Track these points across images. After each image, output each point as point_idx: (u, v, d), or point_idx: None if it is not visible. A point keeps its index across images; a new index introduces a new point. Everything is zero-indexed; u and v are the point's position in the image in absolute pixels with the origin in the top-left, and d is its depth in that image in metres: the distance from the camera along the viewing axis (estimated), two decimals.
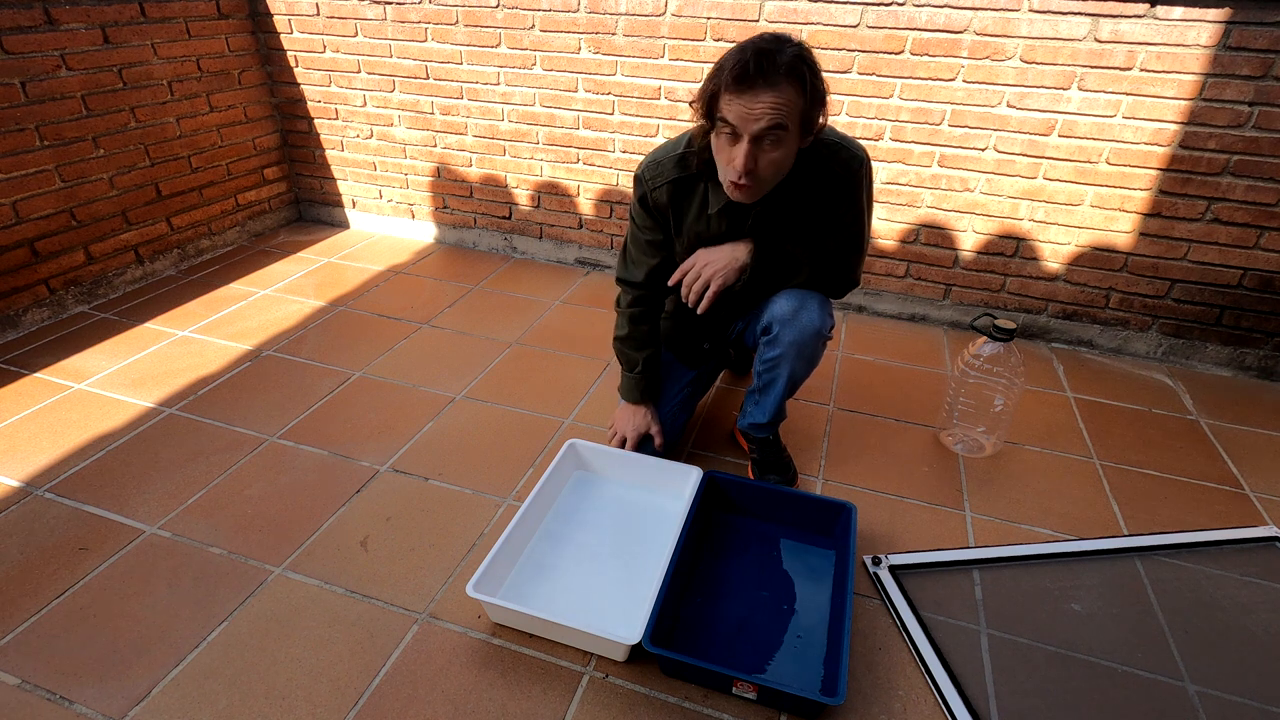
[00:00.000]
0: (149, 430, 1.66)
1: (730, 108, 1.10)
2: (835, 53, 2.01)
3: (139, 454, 1.58)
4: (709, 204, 1.30)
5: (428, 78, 2.48)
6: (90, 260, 2.22)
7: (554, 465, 1.45)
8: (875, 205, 2.16)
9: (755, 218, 1.30)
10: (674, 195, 1.32)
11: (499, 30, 2.31)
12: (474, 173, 2.61)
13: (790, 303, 1.35)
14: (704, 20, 2.08)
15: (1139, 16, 1.75)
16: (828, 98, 1.13)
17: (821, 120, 1.15)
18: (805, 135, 1.15)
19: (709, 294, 1.32)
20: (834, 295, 1.44)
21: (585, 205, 2.52)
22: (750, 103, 1.07)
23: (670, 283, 1.39)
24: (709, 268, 1.32)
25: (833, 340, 2.14)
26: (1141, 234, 1.98)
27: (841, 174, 1.27)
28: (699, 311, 1.35)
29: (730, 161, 1.15)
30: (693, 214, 1.33)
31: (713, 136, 1.17)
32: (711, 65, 1.14)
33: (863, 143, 2.09)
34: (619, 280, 1.48)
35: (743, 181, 1.15)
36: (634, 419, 1.53)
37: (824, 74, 1.12)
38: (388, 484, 1.52)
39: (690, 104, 1.18)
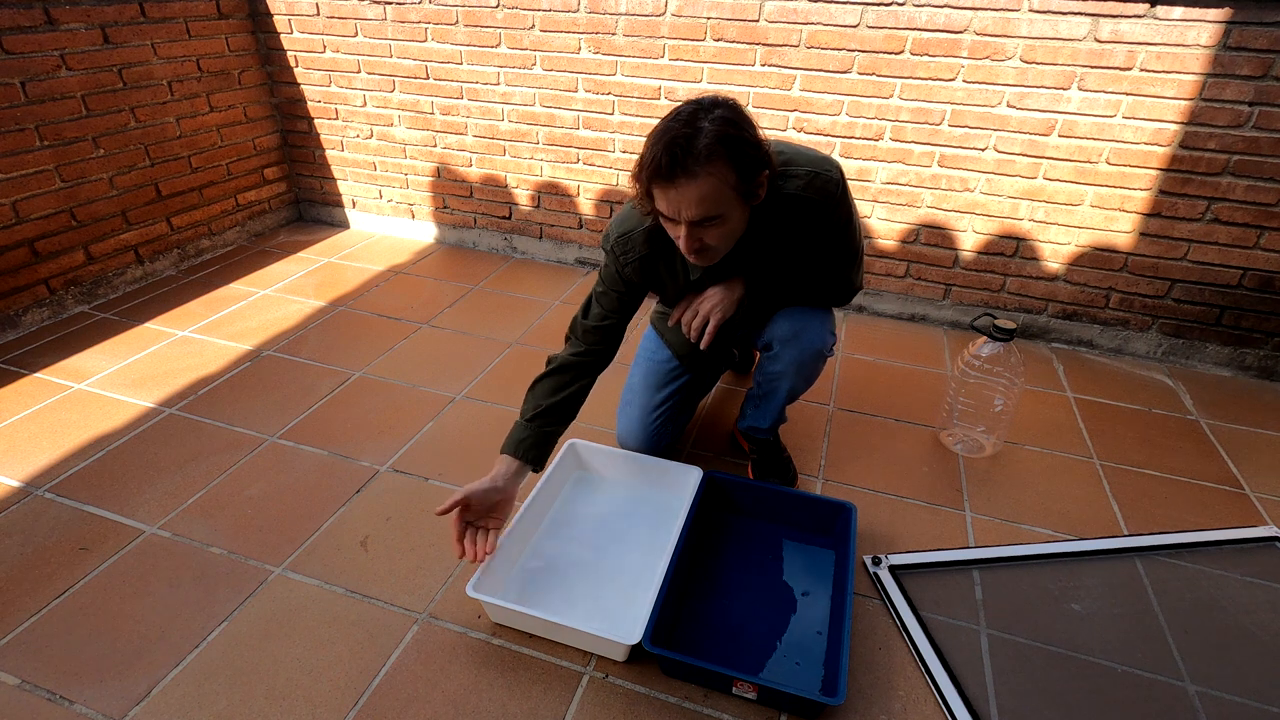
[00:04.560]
0: (149, 430, 1.66)
1: (659, 200, 1.06)
2: (835, 53, 2.01)
3: (139, 454, 1.58)
4: (690, 271, 1.28)
5: (428, 78, 2.48)
6: (90, 260, 2.22)
7: (554, 465, 1.45)
8: (874, 205, 2.18)
9: (737, 265, 1.27)
10: (646, 268, 1.28)
11: (499, 30, 2.31)
12: (474, 173, 2.61)
13: (792, 323, 1.35)
14: (704, 20, 2.08)
15: (1139, 16, 1.75)
16: (769, 153, 1.07)
17: (766, 174, 1.08)
18: (751, 200, 1.09)
19: (710, 329, 1.29)
20: (839, 304, 1.43)
21: (585, 205, 2.52)
22: (675, 197, 1.03)
23: (670, 323, 1.40)
24: (706, 303, 1.29)
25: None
26: (1141, 234, 1.98)
27: (821, 201, 1.20)
28: (703, 347, 1.32)
29: (676, 239, 1.11)
30: (671, 284, 1.32)
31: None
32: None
33: (862, 143, 2.10)
34: (575, 323, 1.36)
35: (693, 256, 1.12)
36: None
37: (756, 131, 1.05)
38: (388, 484, 1.52)
39: (631, 178, 1.13)
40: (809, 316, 1.35)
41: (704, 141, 0.99)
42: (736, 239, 1.15)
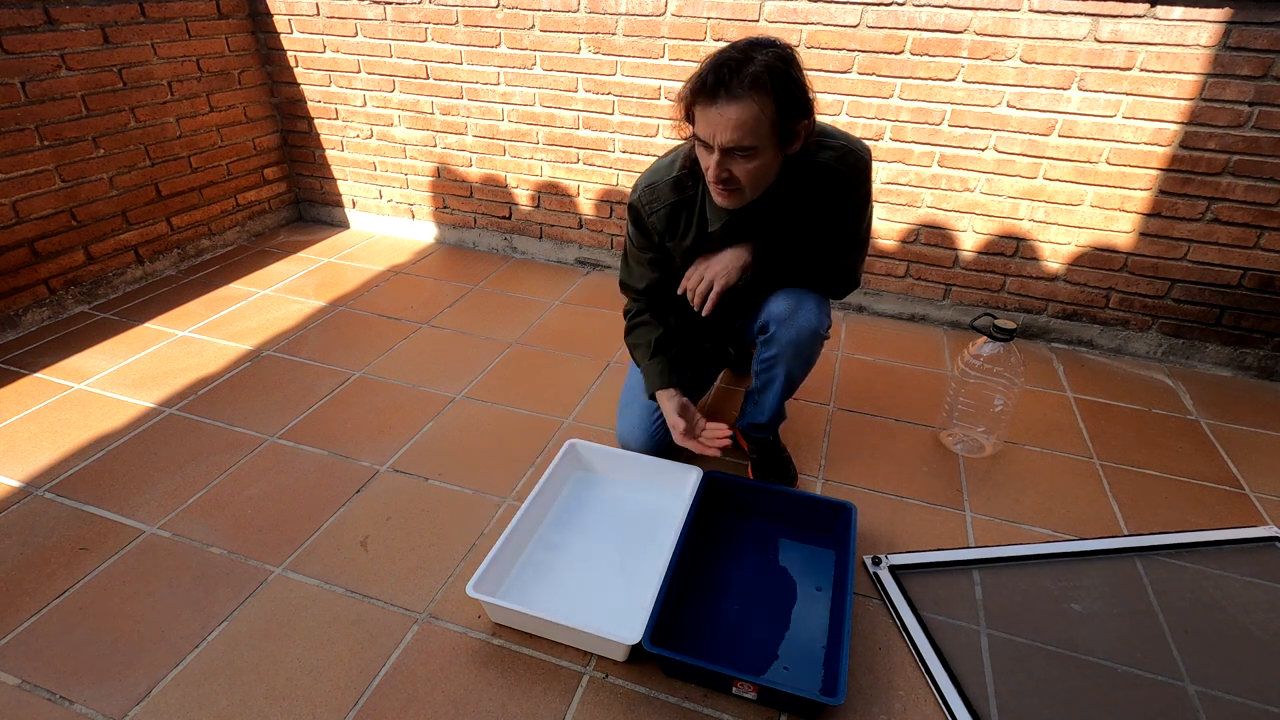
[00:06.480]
0: (149, 430, 1.66)
1: (699, 121, 1.09)
2: (835, 53, 2.01)
3: (139, 454, 1.58)
4: (708, 222, 1.29)
5: (428, 78, 2.48)
6: (90, 260, 2.22)
7: (554, 465, 1.45)
8: (875, 205, 2.18)
9: (754, 225, 1.29)
10: (671, 216, 1.32)
11: (499, 30, 2.31)
12: (474, 173, 2.61)
13: (787, 303, 1.35)
14: (704, 20, 2.08)
15: (1139, 16, 1.75)
16: (813, 103, 1.10)
17: (806, 124, 1.11)
18: (786, 144, 1.12)
19: (713, 294, 1.32)
20: (836, 296, 1.43)
21: (585, 205, 2.52)
22: (715, 117, 1.06)
23: (678, 291, 1.40)
24: (710, 269, 1.32)
25: (832, 340, 2.15)
26: (1141, 234, 1.98)
27: (849, 177, 1.25)
28: (704, 314, 1.35)
29: (705, 170, 1.15)
30: (692, 235, 1.32)
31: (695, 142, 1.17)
32: None
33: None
34: (623, 285, 1.49)
35: (720, 188, 1.14)
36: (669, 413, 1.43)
37: (809, 77, 1.09)
38: (388, 484, 1.52)
39: (676, 99, 1.17)
40: (805, 296, 1.36)
41: (753, 69, 1.03)
42: (765, 185, 1.17)
